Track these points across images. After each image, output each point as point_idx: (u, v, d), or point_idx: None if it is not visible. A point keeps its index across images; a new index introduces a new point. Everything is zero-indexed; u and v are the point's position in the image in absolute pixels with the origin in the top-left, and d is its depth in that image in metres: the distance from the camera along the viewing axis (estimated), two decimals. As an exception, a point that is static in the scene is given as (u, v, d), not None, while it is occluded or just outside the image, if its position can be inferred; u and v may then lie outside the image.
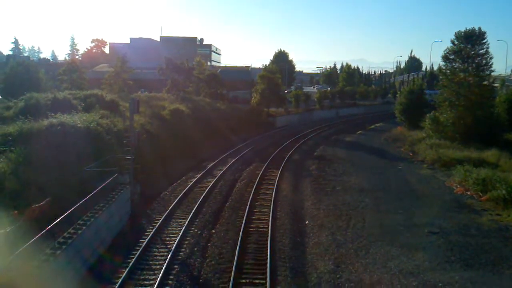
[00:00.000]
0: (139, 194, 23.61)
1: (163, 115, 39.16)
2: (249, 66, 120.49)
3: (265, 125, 60.27)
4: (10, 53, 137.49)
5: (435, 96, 49.76)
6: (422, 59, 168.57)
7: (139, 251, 17.06)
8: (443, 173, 31.68)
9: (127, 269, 15.48)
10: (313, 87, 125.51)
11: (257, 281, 15.19)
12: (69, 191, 18.04)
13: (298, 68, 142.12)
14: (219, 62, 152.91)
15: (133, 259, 16.27)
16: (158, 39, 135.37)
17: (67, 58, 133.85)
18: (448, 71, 43.76)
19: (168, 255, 16.74)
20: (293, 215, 22.33)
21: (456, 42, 42.92)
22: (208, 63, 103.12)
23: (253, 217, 21.82)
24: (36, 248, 13.13)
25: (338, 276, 15.56)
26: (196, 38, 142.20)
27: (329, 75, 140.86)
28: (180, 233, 19.00)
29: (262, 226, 20.60)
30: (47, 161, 19.10)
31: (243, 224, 20.23)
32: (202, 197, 24.63)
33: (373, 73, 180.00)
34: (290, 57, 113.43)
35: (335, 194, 26.18)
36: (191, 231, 19.80)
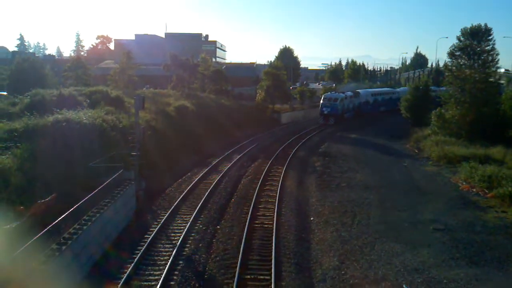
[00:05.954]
0: (144, 190, 23.67)
1: (168, 112, 39.22)
2: (254, 63, 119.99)
3: (270, 122, 60.14)
4: (16, 49, 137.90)
5: (440, 92, 49.35)
6: (428, 56, 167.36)
7: (144, 247, 17.14)
8: (448, 170, 31.55)
9: (133, 265, 15.56)
10: (318, 84, 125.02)
11: (262, 277, 15.23)
12: (74, 187, 18.16)
13: (303, 64, 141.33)
14: (224, 59, 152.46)
15: (138, 255, 16.34)
16: (163, 36, 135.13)
17: (72, 54, 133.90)
18: (453, 67, 43.45)
19: (173, 251, 16.81)
20: (298, 212, 22.35)
21: (462, 39, 42.54)
22: (213, 60, 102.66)
23: (258, 213, 21.85)
24: (41, 243, 13.20)
25: (343, 272, 15.57)
26: (201, 34, 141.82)
27: (334, 72, 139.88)
28: (185, 229, 19.07)
29: (267, 222, 20.62)
30: (52, 157, 19.21)
31: (248, 220, 20.27)
32: (207, 193, 24.66)
33: (378, 69, 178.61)
34: (295, 54, 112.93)
35: (340, 190, 26.15)
36: (196, 227, 19.85)
